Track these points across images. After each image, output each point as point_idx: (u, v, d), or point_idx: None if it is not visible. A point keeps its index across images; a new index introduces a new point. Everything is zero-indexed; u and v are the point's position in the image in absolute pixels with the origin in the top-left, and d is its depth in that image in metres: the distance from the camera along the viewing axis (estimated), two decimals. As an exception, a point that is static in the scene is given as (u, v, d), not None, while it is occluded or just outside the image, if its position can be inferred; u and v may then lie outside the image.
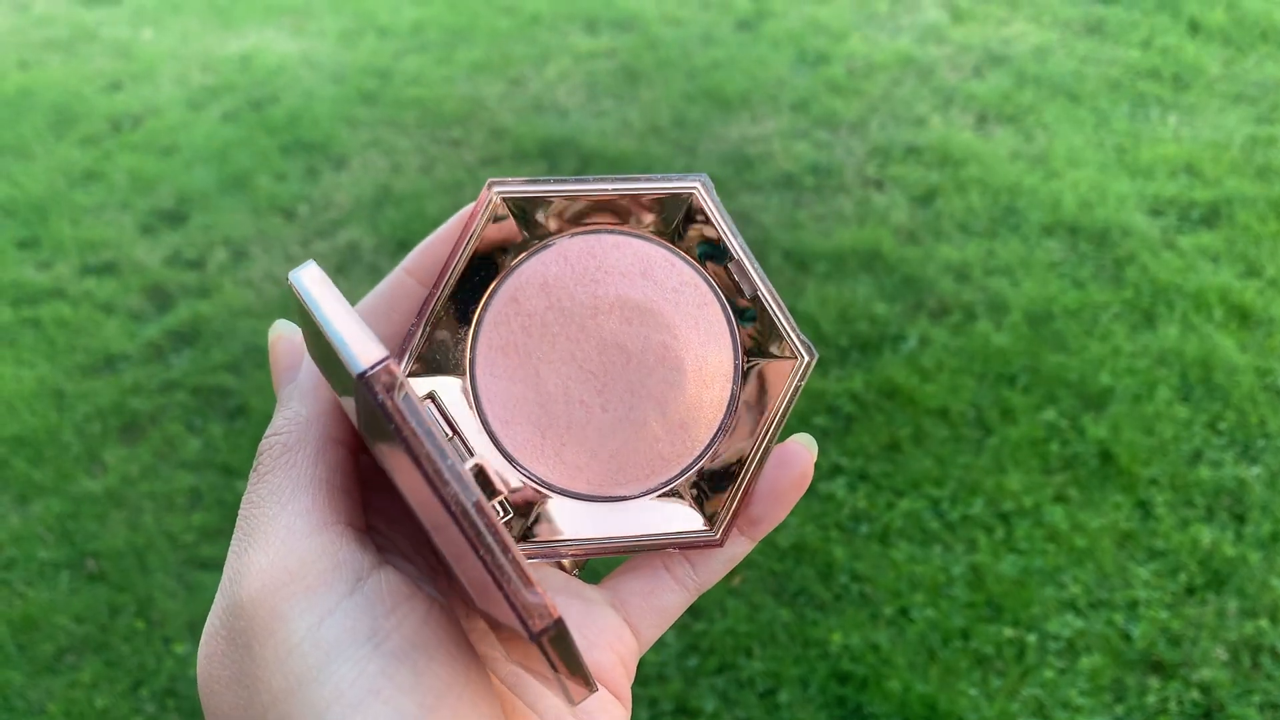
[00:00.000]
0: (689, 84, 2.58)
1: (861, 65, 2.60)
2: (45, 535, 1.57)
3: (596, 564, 1.15)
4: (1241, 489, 1.52)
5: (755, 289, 0.38)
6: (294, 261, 2.06)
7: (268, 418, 1.74)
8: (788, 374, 0.38)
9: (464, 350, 0.37)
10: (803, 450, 0.38)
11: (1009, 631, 1.37)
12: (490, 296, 0.37)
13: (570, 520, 0.38)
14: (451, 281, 0.37)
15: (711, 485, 0.38)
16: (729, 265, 0.38)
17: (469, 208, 0.37)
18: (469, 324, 0.37)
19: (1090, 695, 1.30)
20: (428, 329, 0.36)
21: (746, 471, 0.38)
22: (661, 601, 0.38)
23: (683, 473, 0.38)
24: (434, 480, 0.26)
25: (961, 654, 1.35)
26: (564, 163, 2.31)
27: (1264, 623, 1.36)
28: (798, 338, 0.38)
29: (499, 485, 0.37)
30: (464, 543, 0.26)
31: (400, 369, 0.26)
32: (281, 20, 2.95)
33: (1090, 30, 2.66)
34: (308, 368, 0.35)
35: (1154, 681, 1.31)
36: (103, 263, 2.08)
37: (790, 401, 0.38)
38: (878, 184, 2.19)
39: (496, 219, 0.37)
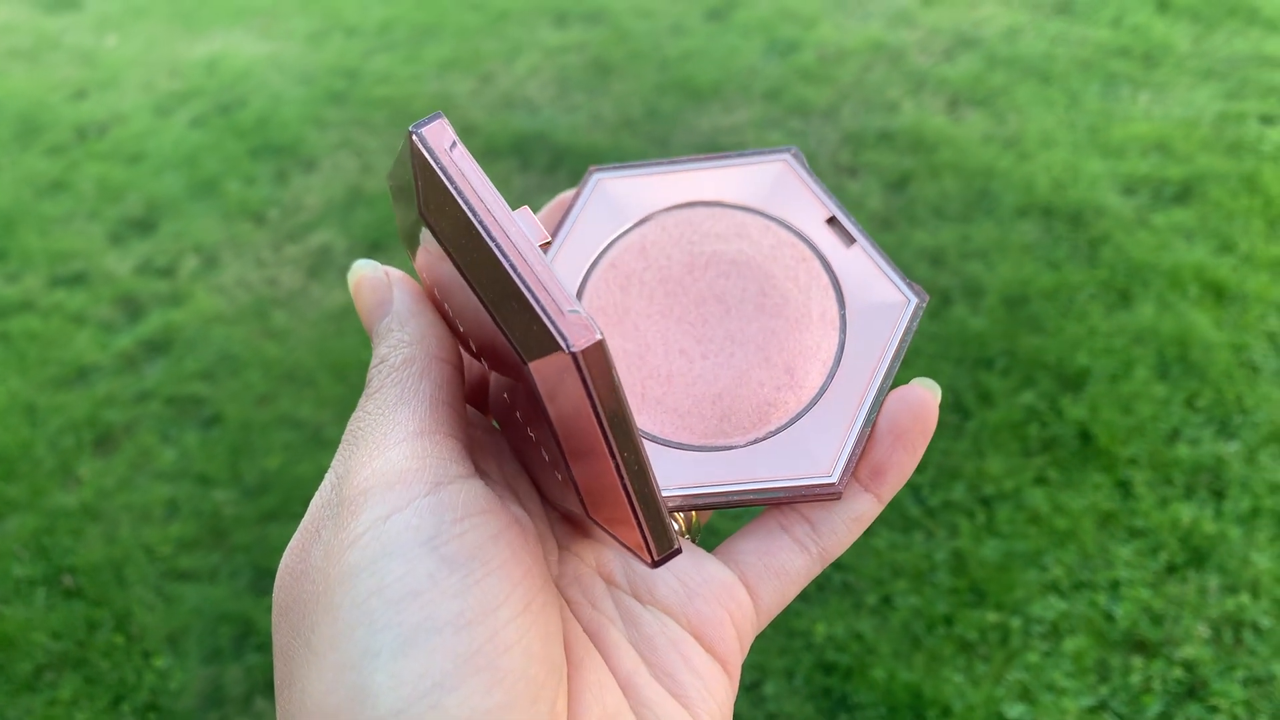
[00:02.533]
0: (660, 75, 2.56)
1: (832, 52, 2.59)
2: (20, 552, 1.55)
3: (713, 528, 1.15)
4: (1220, 466, 1.52)
5: (854, 239, 0.38)
6: (265, 267, 2.04)
7: (243, 426, 1.73)
8: (896, 320, 0.37)
9: None
10: (924, 391, 0.35)
11: (992, 616, 1.37)
12: (593, 266, 0.39)
13: (675, 472, 0.36)
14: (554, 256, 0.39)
15: (827, 431, 0.36)
16: (828, 221, 0.38)
17: (566, 194, 0.40)
18: (578, 287, 0.39)
19: (1075, 677, 1.30)
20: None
21: (865, 413, 0.36)
22: (779, 562, 0.35)
23: (793, 420, 0.36)
24: (478, 215, 0.27)
25: (945, 640, 1.35)
26: (536, 159, 2.29)
27: (1245, 598, 1.36)
28: (904, 282, 0.38)
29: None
30: (500, 271, 0.27)
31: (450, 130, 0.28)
32: (248, 22, 2.92)
33: (1060, 10, 2.66)
34: (401, 296, 0.35)
35: (1137, 661, 1.31)
36: (72, 273, 2.05)
37: (902, 344, 0.37)
38: (851, 171, 2.18)
39: (595, 198, 0.39)
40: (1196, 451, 1.54)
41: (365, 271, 0.36)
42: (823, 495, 0.35)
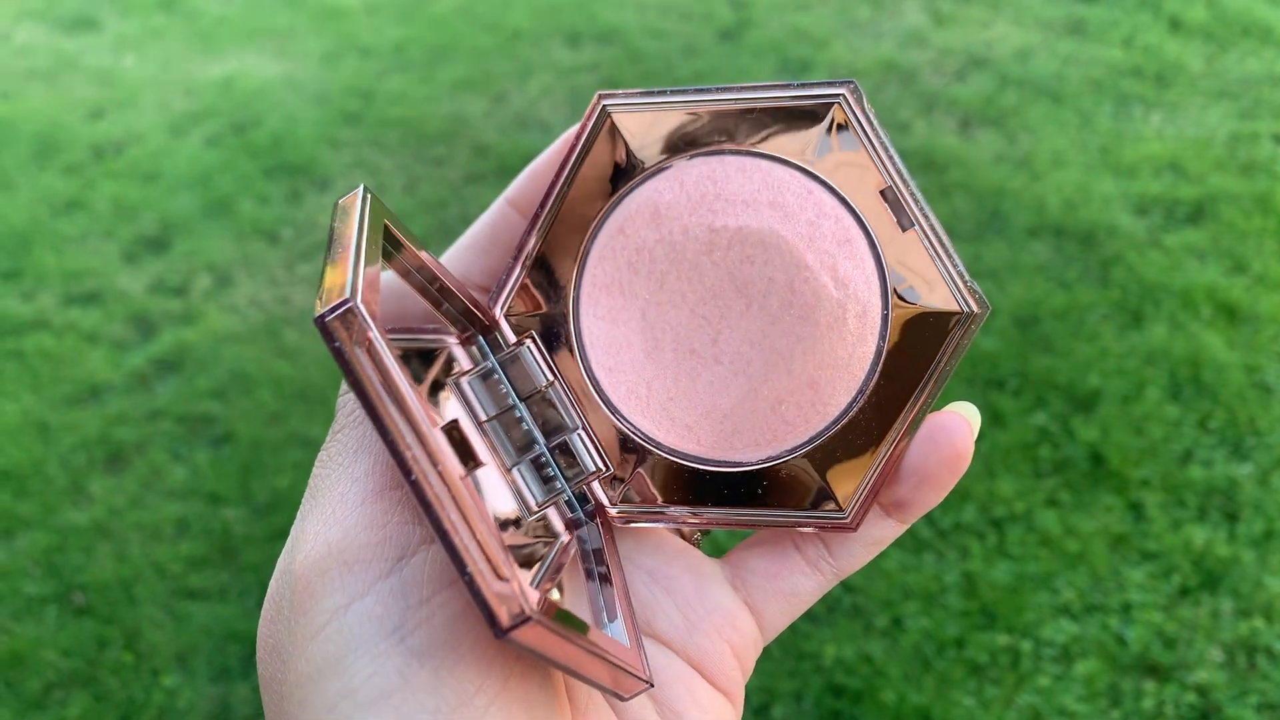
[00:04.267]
0: (672, 96, 2.57)
1: (844, 72, 2.60)
2: (32, 569, 1.56)
3: (721, 535, 1.13)
4: (1233, 488, 1.51)
5: (914, 220, 0.31)
6: (278, 286, 2.06)
7: (254, 445, 1.74)
8: (948, 329, 0.31)
9: (568, 287, 0.33)
10: (961, 422, 0.31)
11: (1003, 639, 1.36)
12: (597, 227, 0.33)
13: (676, 485, 0.33)
14: (554, 211, 0.33)
15: (847, 458, 0.32)
16: (882, 193, 0.31)
17: (575, 128, 0.33)
18: (574, 258, 0.33)
19: (1086, 701, 1.29)
20: (527, 263, 0.33)
21: (891, 445, 0.31)
22: (789, 585, 0.32)
23: (810, 441, 0.32)
24: (395, 440, 0.23)
25: (956, 663, 1.34)
26: (548, 178, 2.30)
27: (1259, 622, 1.35)
28: (964, 284, 0.31)
29: (587, 452, 0.33)
30: (430, 518, 0.23)
31: (365, 313, 0.23)
32: (263, 43, 2.95)
33: (1072, 30, 2.66)
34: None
35: (1150, 685, 1.30)
36: (86, 292, 2.07)
37: (950, 363, 0.31)
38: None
39: (605, 138, 0.32)
40: (1209, 473, 1.53)
41: None
42: (835, 527, 0.32)
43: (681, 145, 0.33)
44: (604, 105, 0.32)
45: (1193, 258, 1.91)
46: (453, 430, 0.28)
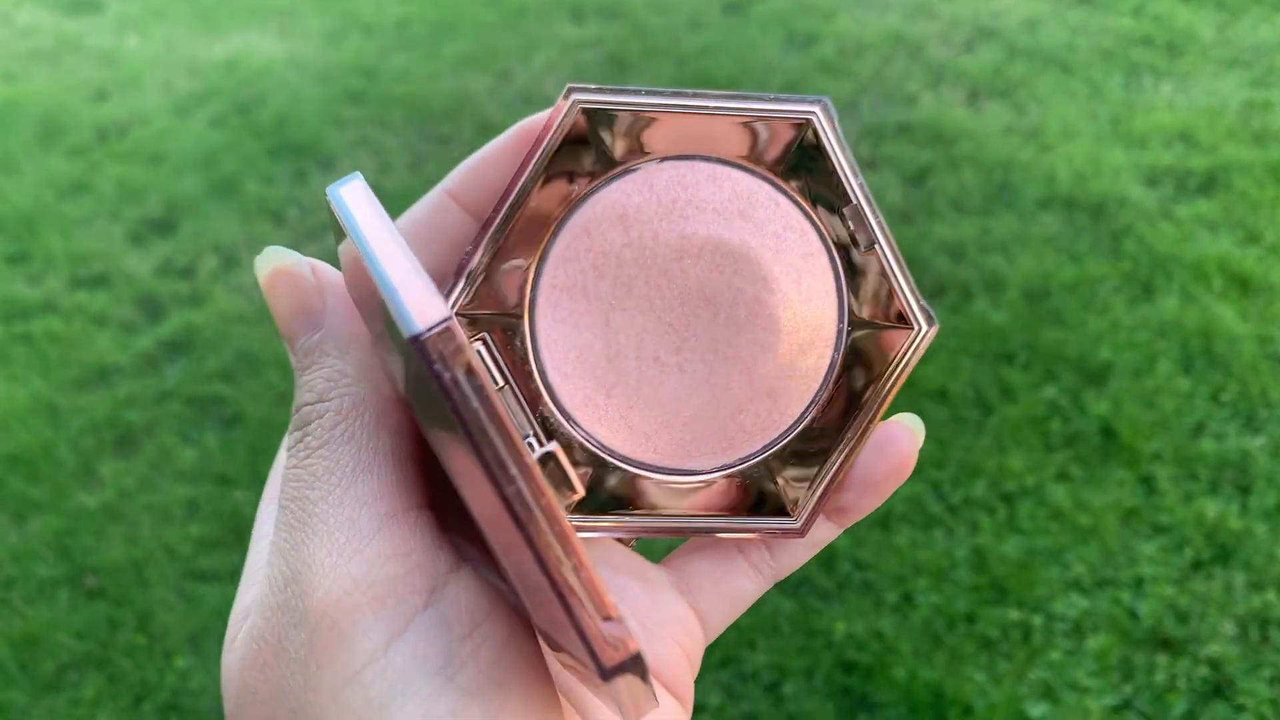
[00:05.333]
0: (678, 71, 2.55)
1: (851, 45, 2.57)
2: (44, 552, 1.56)
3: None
4: (1245, 460, 1.50)
5: (873, 239, 0.32)
6: (284, 266, 2.05)
7: (263, 426, 1.74)
8: (900, 345, 0.32)
9: (524, 288, 0.32)
10: (906, 433, 0.32)
11: (1014, 614, 1.36)
12: (559, 227, 0.32)
13: (630, 493, 0.33)
14: (515, 206, 0.31)
15: (797, 466, 0.33)
16: (845, 210, 0.32)
17: (535, 120, 0.31)
18: (532, 258, 0.32)
19: (1098, 675, 1.29)
20: (484, 261, 0.31)
21: (840, 455, 0.32)
22: (733, 589, 0.33)
23: (765, 449, 0.33)
24: (497, 477, 0.21)
25: (967, 638, 1.34)
26: (553, 155, 2.29)
27: (1271, 595, 1.34)
28: (917, 302, 0.32)
29: (568, 470, 0.31)
30: (528, 554, 0.22)
31: (461, 333, 0.21)
32: (266, 22, 2.93)
33: (1081, 0, 2.63)
34: (336, 309, 0.28)
35: (1162, 659, 1.30)
36: (93, 275, 2.07)
37: (900, 378, 0.32)
38: (870, 164, 2.16)
39: (572, 135, 0.31)
40: (1221, 446, 1.52)
41: (282, 263, 0.28)
42: (785, 534, 0.33)
43: (652, 148, 0.32)
44: (575, 99, 0.31)
45: (1204, 229, 1.89)
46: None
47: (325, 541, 0.26)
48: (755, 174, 0.32)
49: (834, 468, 0.33)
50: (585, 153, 0.31)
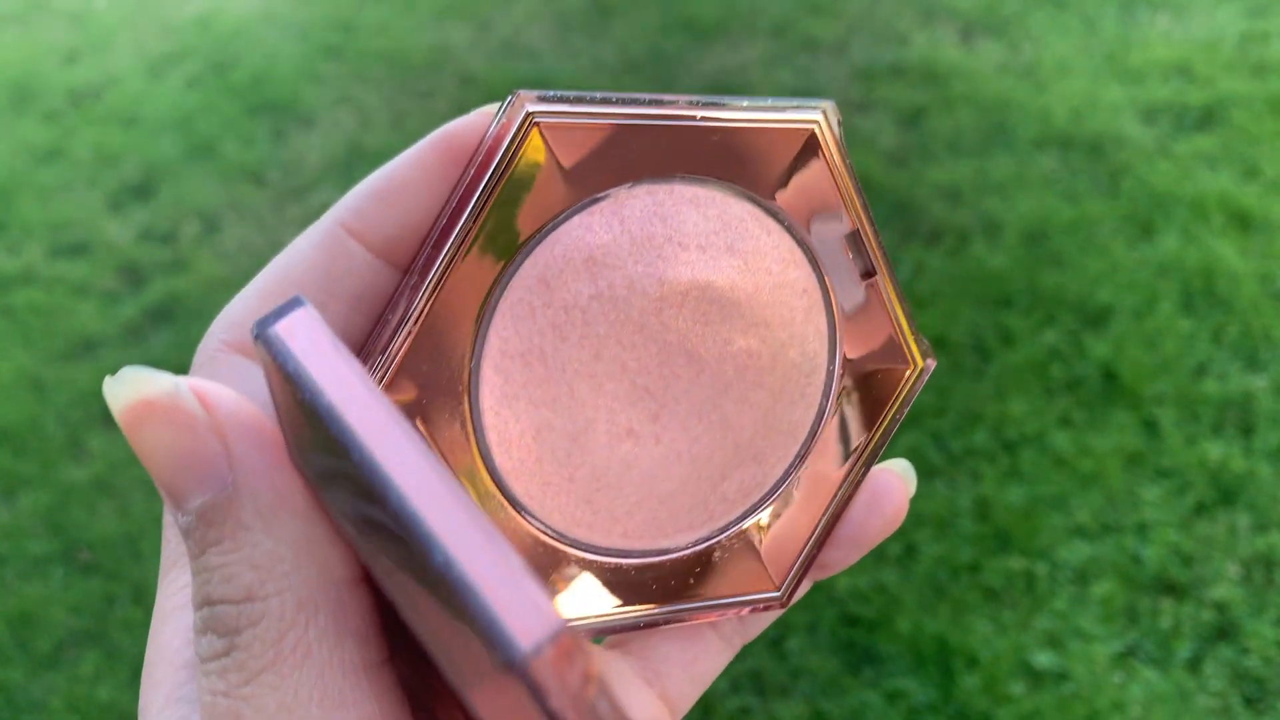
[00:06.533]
0: (662, 14, 2.50)
1: (839, -16, 2.51)
2: (36, 528, 1.54)
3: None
4: (1248, 401, 1.49)
5: (872, 268, 0.28)
6: (267, 229, 2.01)
7: (251, 393, 1.71)
8: (895, 385, 0.29)
9: (464, 357, 0.25)
10: (897, 484, 0.29)
11: (1018, 563, 1.35)
12: (509, 276, 0.25)
13: (594, 586, 0.27)
14: (452, 255, 0.24)
15: (781, 529, 0.29)
16: (847, 236, 0.27)
17: (458, 131, 0.25)
18: (473, 318, 0.24)
19: (1103, 622, 1.28)
20: (411, 327, 0.24)
21: (829, 512, 0.29)
22: (703, 668, 0.29)
23: (745, 515, 0.28)
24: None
25: (971, 589, 1.33)
26: (538, 107, 2.24)
27: (1276, 537, 1.33)
28: (914, 337, 0.29)
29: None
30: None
31: (583, 641, 0.15)
32: (239, -23, 2.86)
33: (1073, -69, 2.57)
34: (248, 452, 0.20)
35: (1167, 604, 1.29)
36: (73, 243, 2.03)
37: (894, 423, 0.29)
38: (862, 107, 2.12)
39: (524, 158, 0.24)
40: (1224, 387, 1.51)
41: (148, 392, 0.19)
42: (765, 609, 0.29)
43: (622, 169, 0.25)
44: (528, 113, 0.24)
45: (1203, 165, 1.86)
46: None
47: None
48: (745, 196, 0.27)
49: (820, 528, 0.29)
50: (538, 178, 0.24)
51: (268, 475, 0.20)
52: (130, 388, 0.19)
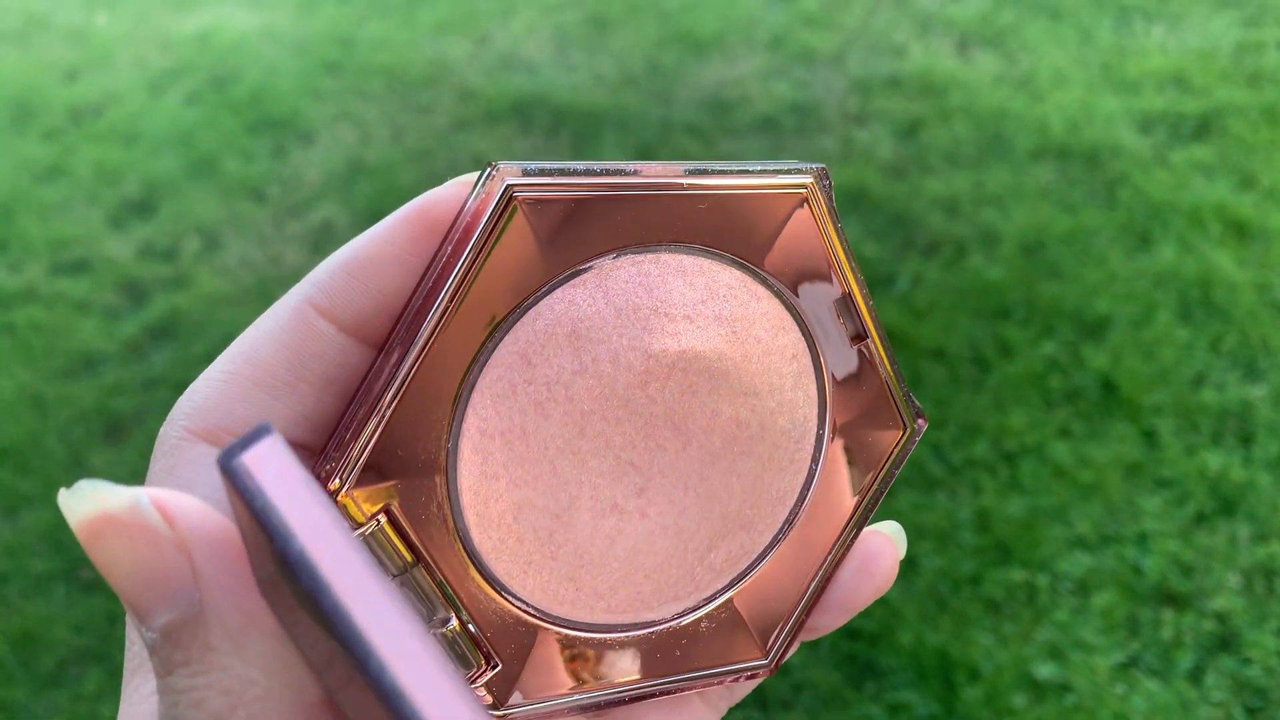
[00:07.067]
0: (660, 28, 2.51)
1: (835, -4, 2.52)
2: (38, 546, 1.55)
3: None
4: (1247, 410, 1.49)
5: (863, 332, 0.27)
6: (268, 245, 2.02)
7: (253, 409, 1.71)
8: (886, 448, 0.28)
9: (442, 437, 0.24)
10: (889, 547, 0.28)
11: (1019, 574, 1.35)
12: (489, 352, 0.24)
13: (578, 662, 0.27)
14: (428, 334, 0.23)
15: (770, 596, 0.28)
16: (837, 301, 0.27)
17: (432, 203, 0.24)
18: (450, 399, 0.24)
19: (1104, 633, 1.28)
20: (386, 412, 0.23)
21: (818, 578, 0.28)
22: None
23: (733, 583, 0.28)
24: None
25: (972, 601, 1.33)
26: (537, 121, 2.25)
27: (1276, 546, 1.34)
28: (905, 398, 0.28)
29: (461, 648, 0.25)
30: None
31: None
32: (238, -7, 2.87)
33: (1068, -58, 2.58)
34: (214, 570, 0.19)
35: (1168, 614, 1.29)
36: (74, 260, 2.03)
37: (885, 486, 0.29)
38: (859, 120, 2.13)
39: (502, 232, 0.23)
40: (1222, 396, 1.51)
41: (109, 506, 0.18)
42: (752, 676, 0.28)
43: (605, 239, 0.24)
44: (508, 186, 0.23)
45: (1200, 175, 1.87)
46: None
47: None
48: (734, 263, 0.26)
49: (810, 594, 0.28)
50: (519, 252, 0.23)
51: (236, 593, 0.19)
52: (88, 502, 0.18)
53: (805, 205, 0.26)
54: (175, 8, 2.84)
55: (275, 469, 0.16)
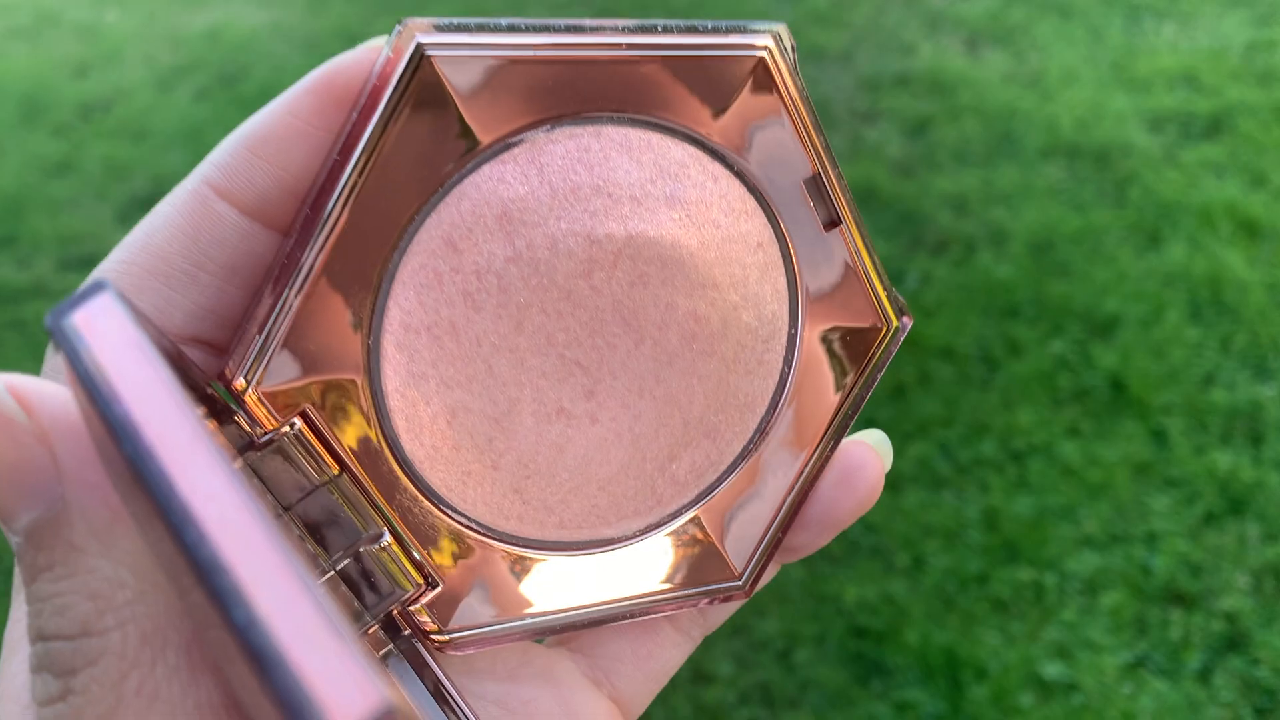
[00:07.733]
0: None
1: (845, -6, 2.52)
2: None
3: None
4: (1257, 410, 1.48)
5: (836, 217, 0.24)
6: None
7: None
8: (867, 348, 0.26)
9: (360, 334, 0.22)
10: (871, 458, 0.26)
11: (1026, 573, 1.34)
12: (408, 238, 0.21)
13: (529, 583, 0.24)
14: (338, 215, 0.20)
15: (741, 512, 0.26)
16: (806, 181, 0.24)
17: (338, 69, 0.21)
18: (369, 289, 0.21)
19: (1112, 633, 1.28)
20: (293, 301, 0.21)
21: (795, 492, 0.26)
22: (658, 664, 0.26)
23: (699, 498, 0.25)
24: None
25: (979, 600, 1.33)
26: (545, 118, 2.25)
27: (1286, 547, 1.33)
28: (886, 293, 0.25)
29: (394, 568, 0.23)
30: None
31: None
32: (247, -10, 2.88)
33: (1079, -60, 2.57)
34: (78, 466, 0.17)
35: (1176, 614, 1.29)
36: (83, 256, 2.04)
37: (866, 390, 0.26)
38: (868, 117, 2.13)
39: (417, 97, 0.20)
40: (1232, 396, 1.50)
41: None
42: (727, 598, 0.26)
43: (538, 109, 0.21)
44: (419, 45, 0.20)
45: (1210, 174, 1.86)
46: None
47: None
48: (684, 135, 0.23)
49: (785, 509, 0.26)
50: (435, 122, 0.21)
51: (102, 487, 0.17)
52: None
53: (765, 70, 0.23)
54: (185, 4, 2.85)
55: (107, 327, 0.15)
